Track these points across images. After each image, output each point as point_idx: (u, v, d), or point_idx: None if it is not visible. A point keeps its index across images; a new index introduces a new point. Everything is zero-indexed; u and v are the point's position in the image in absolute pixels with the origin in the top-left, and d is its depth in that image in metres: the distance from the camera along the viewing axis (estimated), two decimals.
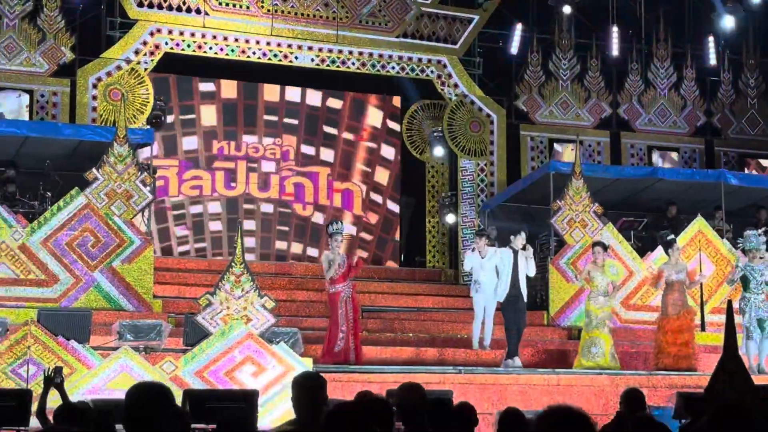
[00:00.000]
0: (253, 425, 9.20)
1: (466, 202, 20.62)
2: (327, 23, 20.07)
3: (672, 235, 16.54)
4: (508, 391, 13.16)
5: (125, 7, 19.02)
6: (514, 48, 21.54)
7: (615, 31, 21.68)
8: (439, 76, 20.81)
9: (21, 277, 14.80)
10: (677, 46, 22.54)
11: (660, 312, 15.21)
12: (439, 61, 20.80)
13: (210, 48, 19.47)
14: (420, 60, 20.70)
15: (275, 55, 19.83)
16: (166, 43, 19.20)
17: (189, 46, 19.36)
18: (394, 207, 21.08)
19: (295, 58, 19.93)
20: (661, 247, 16.99)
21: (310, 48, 19.99)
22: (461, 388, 12.46)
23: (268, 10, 19.67)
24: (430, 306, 18.08)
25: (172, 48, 19.23)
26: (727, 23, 21.47)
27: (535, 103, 21.67)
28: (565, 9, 21.34)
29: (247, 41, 19.61)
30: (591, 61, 22.05)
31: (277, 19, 19.70)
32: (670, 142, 22.51)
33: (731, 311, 6.37)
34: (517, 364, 14.42)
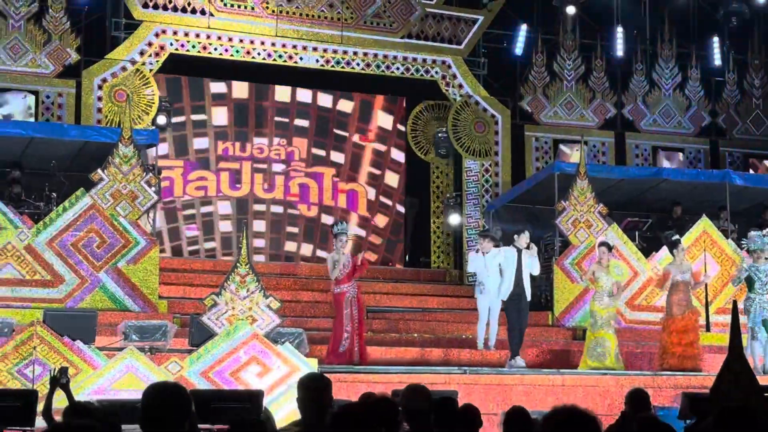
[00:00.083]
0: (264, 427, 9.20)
1: (471, 203, 20.61)
2: (332, 24, 20.08)
3: (677, 236, 16.52)
4: (513, 391, 13.15)
5: (130, 8, 19.02)
6: (519, 48, 21.56)
7: (619, 32, 21.67)
8: (443, 77, 20.80)
9: (27, 277, 14.81)
10: (682, 47, 22.52)
11: (665, 312, 15.21)
12: (443, 62, 20.80)
13: (215, 49, 19.47)
14: (425, 61, 20.69)
15: (280, 56, 19.83)
16: (171, 44, 19.20)
17: (194, 47, 19.36)
18: (403, 210, 21.07)
19: (300, 59, 19.94)
20: (665, 247, 16.98)
21: (315, 49, 20.00)
22: (466, 389, 12.46)
23: (273, 11, 19.68)
24: (435, 306, 18.08)
25: (177, 49, 19.23)
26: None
27: (540, 103, 21.66)
28: (569, 9, 21.35)
29: (252, 42, 19.61)
30: (595, 61, 22.04)
31: (281, 20, 19.71)
32: (674, 142, 22.49)
33: (736, 312, 6.36)
34: (519, 364, 14.42)
